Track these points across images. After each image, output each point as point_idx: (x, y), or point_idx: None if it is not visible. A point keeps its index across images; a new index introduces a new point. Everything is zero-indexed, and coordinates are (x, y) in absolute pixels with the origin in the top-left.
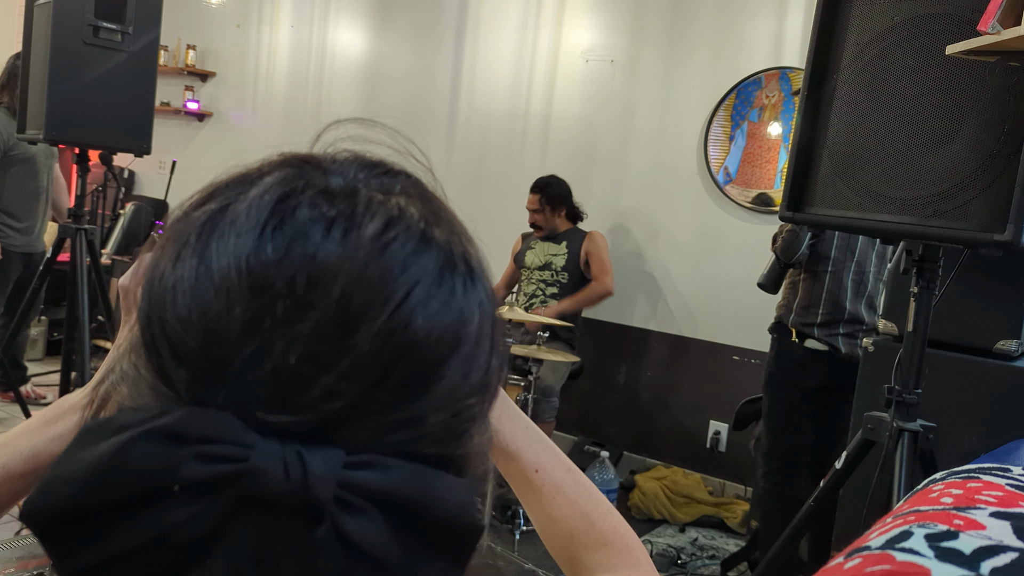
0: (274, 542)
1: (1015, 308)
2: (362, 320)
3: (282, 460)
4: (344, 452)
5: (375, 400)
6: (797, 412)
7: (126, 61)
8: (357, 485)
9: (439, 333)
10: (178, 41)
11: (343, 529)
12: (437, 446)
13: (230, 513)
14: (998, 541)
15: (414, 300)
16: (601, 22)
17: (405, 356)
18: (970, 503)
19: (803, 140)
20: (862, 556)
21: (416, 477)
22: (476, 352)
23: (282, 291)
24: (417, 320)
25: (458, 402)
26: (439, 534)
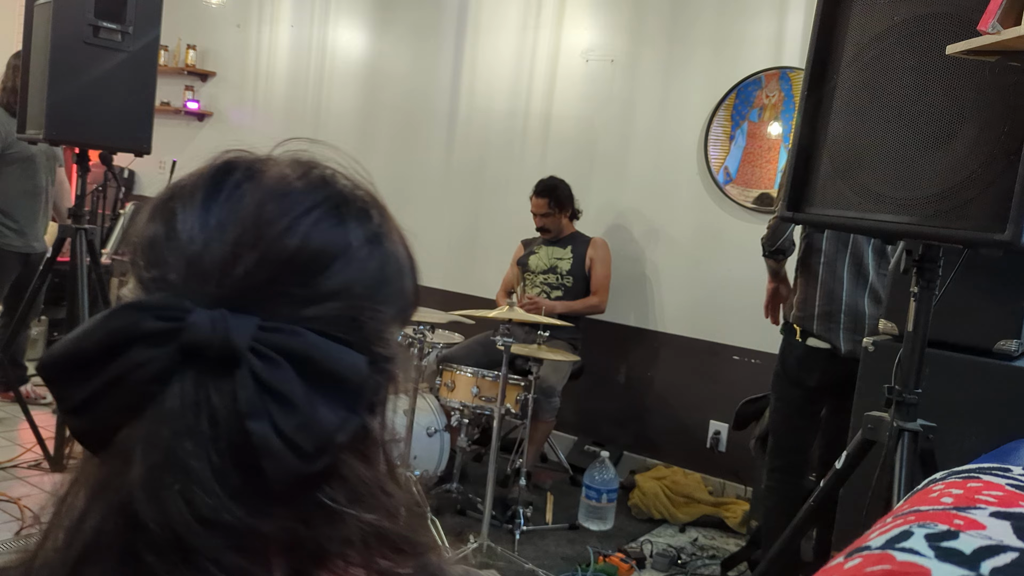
0: (207, 382)
1: (1015, 308)
2: (271, 224)
3: (210, 319)
4: (259, 319)
5: (280, 283)
6: (800, 410)
7: (126, 61)
8: (269, 341)
9: (325, 243)
10: (178, 41)
11: (256, 372)
12: (338, 330)
13: (176, 360)
14: (998, 541)
15: (311, 218)
16: (601, 22)
17: (300, 255)
18: (970, 503)
19: (803, 140)
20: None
21: (317, 342)
22: (363, 267)
23: (214, 208)
24: (311, 231)
25: (349, 299)
26: (335, 385)
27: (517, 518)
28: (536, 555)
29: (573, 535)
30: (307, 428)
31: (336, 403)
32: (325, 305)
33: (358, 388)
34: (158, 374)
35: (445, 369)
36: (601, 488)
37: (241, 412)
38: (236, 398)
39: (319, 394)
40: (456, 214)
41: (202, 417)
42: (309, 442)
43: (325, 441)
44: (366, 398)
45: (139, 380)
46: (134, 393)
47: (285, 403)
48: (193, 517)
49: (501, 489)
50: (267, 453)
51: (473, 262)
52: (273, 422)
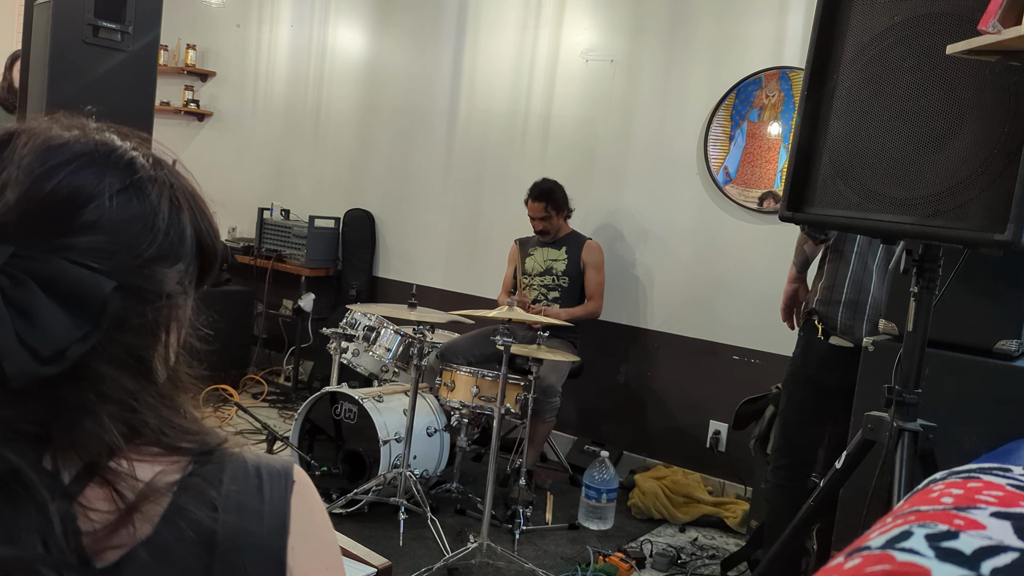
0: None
1: (1015, 308)
2: (31, 170)
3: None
4: (13, 247)
5: (36, 219)
6: (814, 410)
7: (126, 61)
8: (19, 265)
9: (79, 188)
10: (178, 41)
11: (4, 288)
12: (89, 260)
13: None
14: (999, 541)
15: (70, 168)
16: (601, 22)
17: (55, 195)
18: (970, 503)
19: (803, 140)
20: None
21: (63, 267)
22: (116, 211)
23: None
24: (67, 178)
25: (99, 234)
26: (75, 303)
27: (517, 518)
28: (536, 555)
29: (573, 535)
30: (44, 336)
31: (76, 317)
32: (80, 237)
33: (98, 306)
34: None
35: (445, 369)
36: (601, 488)
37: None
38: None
39: (61, 309)
40: (456, 214)
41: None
42: (46, 348)
43: (59, 347)
44: (109, 316)
45: None
46: None
47: (26, 315)
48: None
49: (501, 489)
50: (5, 355)
51: (473, 262)
52: (15, 330)
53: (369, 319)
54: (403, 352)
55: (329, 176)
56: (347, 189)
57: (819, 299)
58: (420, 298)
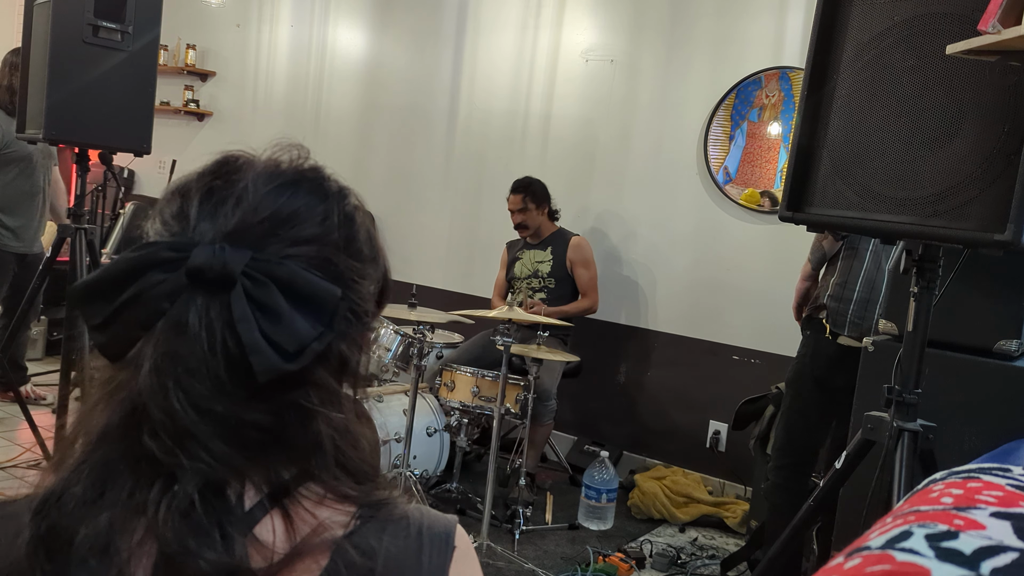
0: (207, 299)
1: (1015, 308)
2: (252, 192)
3: (212, 250)
4: (252, 252)
5: (268, 229)
6: (819, 410)
7: (126, 61)
8: (258, 267)
9: (305, 204)
10: (178, 41)
11: (247, 289)
12: (316, 267)
13: (182, 283)
14: (998, 541)
15: (294, 188)
16: (601, 22)
17: (284, 209)
18: (970, 503)
19: (803, 140)
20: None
21: (298, 270)
22: (335, 228)
23: (217, 183)
24: (295, 195)
25: (323, 246)
26: (311, 305)
27: (517, 518)
28: (536, 555)
29: (573, 535)
30: (288, 333)
31: (312, 318)
32: (304, 247)
33: (331, 309)
34: (168, 293)
35: (445, 369)
36: (601, 488)
37: (235, 319)
38: (231, 310)
39: (298, 310)
40: (456, 214)
41: (201, 327)
42: (290, 344)
43: (302, 345)
44: (339, 319)
45: (152, 298)
46: (148, 310)
47: (270, 313)
48: (189, 404)
49: (501, 489)
50: (254, 350)
51: (473, 262)
52: (260, 328)
53: None
54: (403, 352)
55: None
56: None
57: (831, 295)
58: (420, 298)
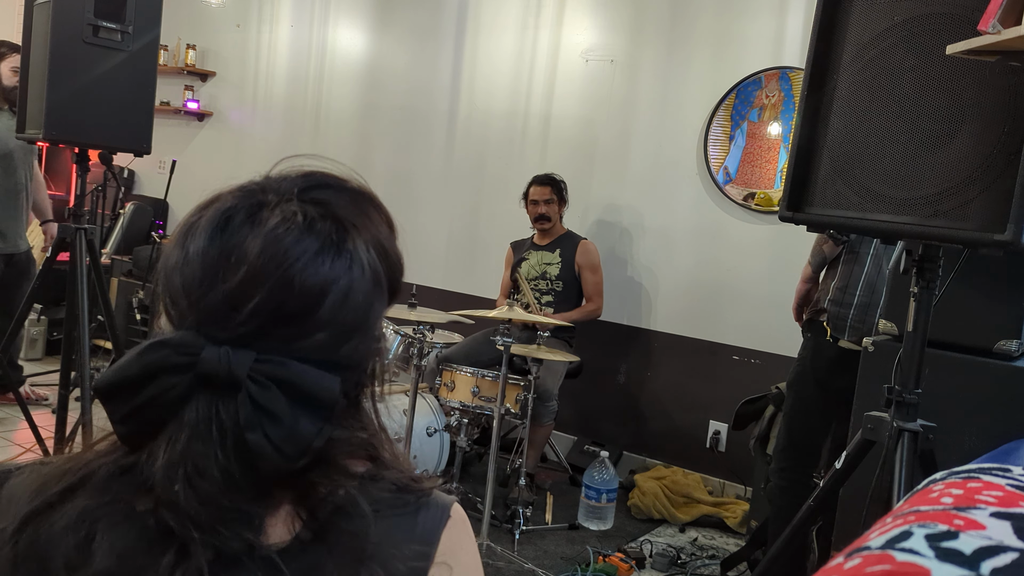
0: (216, 401)
1: (1015, 308)
2: (265, 276)
3: (218, 355)
4: (256, 354)
5: (273, 326)
6: (821, 412)
7: (126, 61)
8: (262, 370)
9: (311, 287)
10: (178, 41)
11: (252, 395)
12: (321, 354)
13: (192, 385)
14: (998, 541)
15: (297, 267)
16: (601, 22)
17: (290, 299)
18: (970, 503)
19: (803, 140)
20: (862, 556)
21: (300, 370)
22: (346, 300)
23: (222, 263)
24: (297, 278)
25: (332, 328)
26: (312, 404)
27: (517, 518)
28: (536, 555)
29: (573, 535)
30: (291, 437)
31: (313, 417)
32: (310, 340)
33: (331, 405)
34: (180, 395)
35: (445, 369)
36: (601, 488)
37: (242, 425)
38: (238, 415)
39: (300, 410)
40: (456, 214)
41: (212, 427)
42: (293, 448)
43: (304, 447)
44: (331, 408)
45: (166, 401)
46: (163, 409)
47: (274, 419)
48: (194, 497)
49: (501, 489)
50: (260, 456)
51: (473, 262)
52: (265, 433)
53: None
54: (403, 352)
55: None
56: None
57: (831, 299)
58: (420, 298)
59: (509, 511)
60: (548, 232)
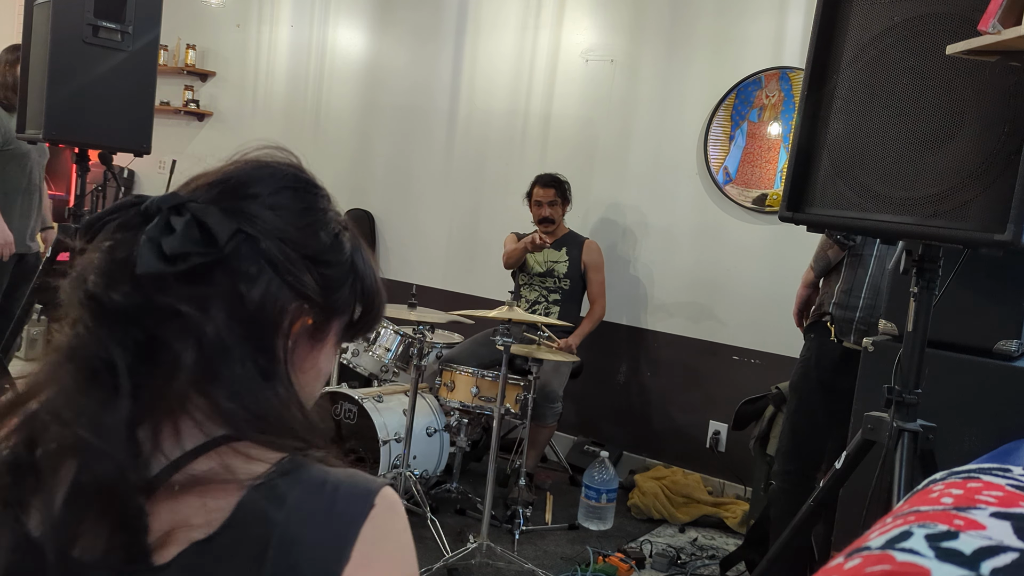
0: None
1: (1015, 308)
2: (223, 166)
3: (159, 200)
4: (190, 198)
5: (211, 189)
6: (826, 414)
7: (126, 61)
8: (187, 207)
9: (244, 177)
10: (178, 41)
11: (168, 219)
12: (244, 222)
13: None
14: (998, 541)
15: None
16: (601, 22)
17: (227, 180)
18: (970, 503)
19: (803, 140)
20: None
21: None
22: (284, 202)
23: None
24: (237, 171)
25: (277, 215)
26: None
27: (517, 518)
28: (536, 555)
29: (573, 535)
30: (174, 241)
31: (206, 242)
32: (252, 207)
33: (224, 235)
34: (124, 225)
35: (445, 369)
36: (601, 488)
37: (146, 236)
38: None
39: (200, 234)
40: (456, 214)
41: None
42: (172, 249)
43: (183, 252)
44: (230, 250)
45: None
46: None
47: (168, 229)
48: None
49: (501, 489)
50: (140, 253)
51: (473, 262)
52: (159, 240)
53: None
54: (403, 352)
55: (329, 176)
56: (347, 189)
57: (836, 303)
58: (420, 298)
59: (509, 511)
60: (552, 232)
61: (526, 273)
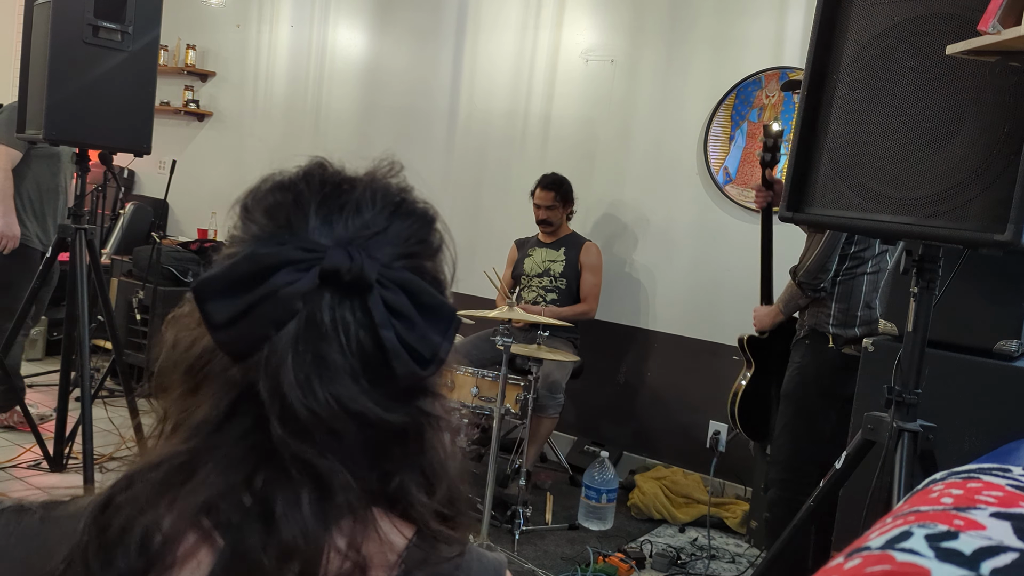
0: (344, 302)
1: (1015, 308)
2: (368, 205)
3: (348, 253)
4: (381, 262)
5: (393, 239)
6: (827, 423)
7: (126, 61)
8: (390, 275)
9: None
10: (178, 41)
11: (384, 297)
12: (430, 283)
13: (316, 283)
14: (998, 541)
15: (387, 209)
16: (601, 22)
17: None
18: (970, 503)
19: (803, 140)
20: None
21: (421, 282)
22: (424, 245)
23: (331, 192)
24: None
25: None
26: (436, 314)
27: (517, 518)
28: (536, 555)
29: (573, 535)
30: (422, 340)
31: (438, 326)
32: (424, 264)
33: (449, 319)
34: (302, 293)
35: (445, 369)
36: (601, 488)
37: (376, 324)
38: (371, 315)
39: (426, 318)
40: (456, 214)
41: (339, 330)
42: (426, 350)
43: (434, 351)
44: (453, 332)
45: (286, 296)
46: (282, 308)
47: (406, 320)
48: (335, 401)
49: (501, 489)
50: (396, 356)
51: (473, 262)
52: (398, 333)
53: None
54: None
55: None
56: None
57: (836, 322)
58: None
59: (509, 511)
60: (553, 233)
61: (524, 275)
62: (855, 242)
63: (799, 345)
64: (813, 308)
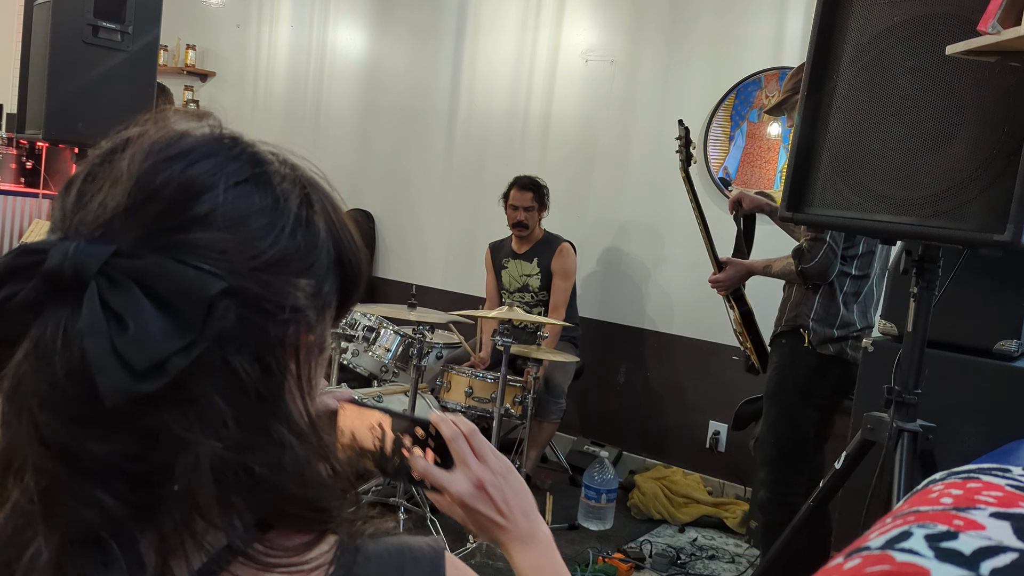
0: (67, 309)
1: (1015, 308)
2: (129, 168)
3: (63, 250)
4: (115, 248)
5: (142, 214)
6: (808, 423)
7: (126, 61)
8: (119, 265)
9: (189, 179)
10: (178, 41)
11: (101, 293)
12: (207, 261)
13: (43, 290)
14: (998, 541)
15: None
16: (601, 22)
17: (166, 187)
18: (970, 503)
19: (803, 140)
20: (862, 556)
21: (168, 267)
22: (229, 205)
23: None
24: (178, 170)
25: (220, 231)
26: (178, 308)
27: None
28: None
29: (572, 535)
30: (140, 344)
31: (178, 324)
32: (187, 235)
33: (203, 309)
34: (28, 305)
35: (445, 370)
36: (600, 488)
37: (81, 331)
38: (91, 322)
39: (161, 314)
40: (456, 214)
41: (59, 345)
42: (142, 359)
43: (158, 359)
44: (216, 323)
45: (12, 311)
46: (10, 325)
47: (121, 321)
48: (38, 440)
49: None
50: (99, 369)
51: (473, 262)
52: (111, 339)
53: (369, 319)
54: (403, 352)
55: (329, 176)
56: (347, 189)
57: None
58: (420, 298)
59: None
60: (526, 238)
61: (503, 289)
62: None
63: (776, 343)
64: (797, 298)
